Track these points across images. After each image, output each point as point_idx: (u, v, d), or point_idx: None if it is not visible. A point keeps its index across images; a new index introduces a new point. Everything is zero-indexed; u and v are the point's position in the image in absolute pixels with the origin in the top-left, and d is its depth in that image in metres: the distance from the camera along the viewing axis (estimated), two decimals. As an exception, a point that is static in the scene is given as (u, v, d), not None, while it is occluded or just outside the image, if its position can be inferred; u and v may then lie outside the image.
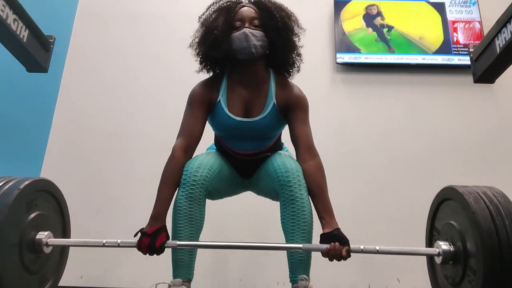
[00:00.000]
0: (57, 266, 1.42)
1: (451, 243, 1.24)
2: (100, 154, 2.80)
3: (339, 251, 1.25)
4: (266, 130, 1.51)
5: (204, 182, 1.36)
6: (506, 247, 1.04)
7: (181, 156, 1.40)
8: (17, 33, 1.75)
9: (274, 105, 1.47)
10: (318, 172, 1.41)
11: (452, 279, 1.24)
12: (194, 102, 1.47)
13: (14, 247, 1.17)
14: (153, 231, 1.29)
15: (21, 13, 1.76)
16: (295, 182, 1.36)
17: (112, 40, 3.11)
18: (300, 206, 1.35)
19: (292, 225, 1.35)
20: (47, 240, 1.28)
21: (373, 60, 2.96)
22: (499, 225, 1.07)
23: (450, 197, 1.27)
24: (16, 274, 1.17)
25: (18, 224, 1.19)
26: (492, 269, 1.04)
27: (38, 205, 1.30)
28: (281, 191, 1.38)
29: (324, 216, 1.34)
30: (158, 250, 1.28)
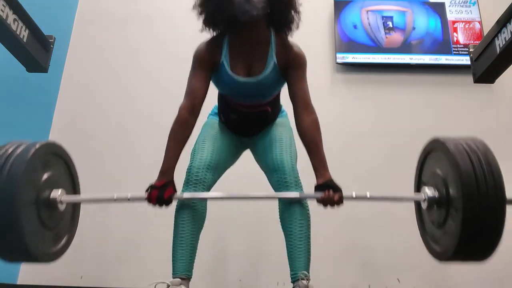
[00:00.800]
0: (70, 223, 1.49)
1: (436, 189, 1.32)
2: (100, 155, 2.80)
3: (332, 198, 1.35)
4: (267, 88, 1.56)
5: (205, 181, 1.46)
6: (484, 188, 1.13)
7: (186, 116, 1.46)
8: (17, 33, 1.75)
9: (274, 64, 1.51)
10: (314, 128, 1.48)
11: (437, 222, 1.32)
12: (198, 63, 1.52)
13: (32, 203, 1.24)
14: (162, 184, 1.37)
15: (21, 13, 1.76)
16: (292, 182, 1.45)
17: (112, 40, 3.11)
18: (298, 203, 1.43)
19: (290, 222, 1.42)
20: (61, 197, 1.34)
21: (373, 60, 2.96)
22: (478, 169, 1.16)
23: (436, 148, 1.36)
24: (35, 229, 1.24)
25: (34, 181, 1.26)
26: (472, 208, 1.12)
27: (51, 166, 1.36)
28: (279, 189, 1.46)
29: (318, 168, 1.43)
30: (166, 202, 1.36)
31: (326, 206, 1.36)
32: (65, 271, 2.53)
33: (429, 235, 1.42)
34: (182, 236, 1.40)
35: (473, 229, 1.14)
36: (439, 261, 1.33)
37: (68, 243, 1.45)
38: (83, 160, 2.93)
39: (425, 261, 2.13)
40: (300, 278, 1.34)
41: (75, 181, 1.54)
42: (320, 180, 1.40)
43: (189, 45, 1.61)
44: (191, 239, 1.41)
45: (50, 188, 1.33)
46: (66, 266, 2.56)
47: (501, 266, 2.50)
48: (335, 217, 2.59)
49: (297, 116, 1.50)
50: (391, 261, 2.51)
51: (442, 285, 2.45)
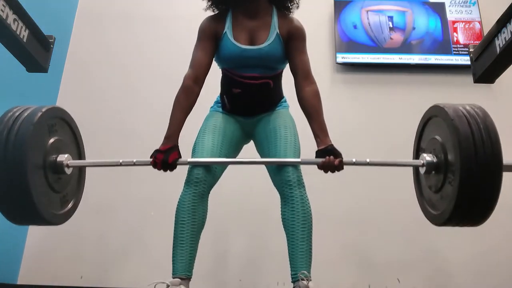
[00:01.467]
0: (76, 187, 1.52)
1: (434, 155, 1.34)
2: (101, 155, 2.80)
3: (333, 163, 1.39)
4: (270, 58, 1.58)
5: (206, 180, 1.46)
6: (482, 152, 1.15)
7: (190, 84, 1.53)
8: (17, 33, 1.75)
9: (277, 34, 1.56)
10: (315, 97, 1.54)
11: (435, 187, 1.33)
12: (202, 35, 1.59)
13: (39, 166, 1.26)
14: (166, 149, 1.42)
15: (21, 13, 1.75)
16: (295, 181, 1.44)
17: (112, 40, 3.11)
18: (300, 203, 1.42)
19: (292, 221, 1.42)
20: (67, 161, 1.37)
21: (373, 60, 2.96)
22: (476, 133, 1.17)
23: (436, 114, 1.38)
24: (43, 191, 1.26)
25: (41, 144, 1.29)
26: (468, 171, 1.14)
27: (57, 130, 1.39)
28: (281, 188, 1.46)
29: (319, 134, 1.48)
30: (171, 165, 1.40)
31: (326, 171, 1.41)
32: (65, 271, 2.53)
33: (426, 200, 1.43)
34: (182, 236, 1.40)
35: (469, 192, 1.15)
36: (435, 224, 1.35)
37: (75, 207, 1.48)
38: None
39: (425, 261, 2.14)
40: (300, 278, 1.34)
41: (81, 147, 1.57)
42: (321, 146, 1.44)
43: (192, 44, 1.62)
44: (191, 239, 1.41)
45: (57, 153, 1.35)
46: (66, 266, 2.57)
47: (501, 266, 2.50)
48: (335, 217, 2.60)
49: (298, 86, 1.56)
50: (391, 261, 2.51)
51: (442, 285, 2.45)
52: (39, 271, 2.51)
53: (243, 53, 1.54)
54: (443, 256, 2.51)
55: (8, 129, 1.20)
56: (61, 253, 2.56)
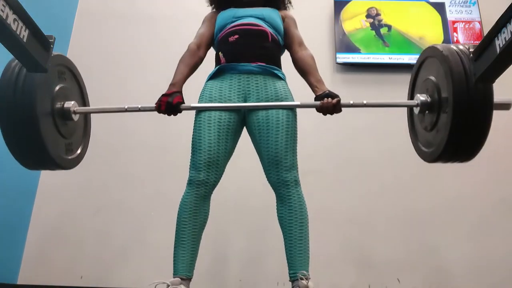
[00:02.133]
0: (83, 134, 1.55)
1: (428, 95, 1.37)
2: (100, 155, 2.80)
3: (331, 104, 1.45)
4: (268, 16, 1.70)
5: (208, 182, 1.46)
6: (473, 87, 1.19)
7: (194, 48, 1.67)
8: (17, 33, 1.75)
9: (275, 10, 1.75)
10: (309, 57, 1.66)
11: (429, 125, 1.36)
12: (205, 19, 1.79)
13: (48, 111, 1.29)
14: (171, 92, 1.50)
15: (21, 13, 1.75)
16: (292, 181, 1.45)
17: (112, 40, 3.11)
18: (297, 203, 1.44)
19: (289, 220, 1.42)
20: (74, 108, 1.40)
21: (373, 60, 2.96)
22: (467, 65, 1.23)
23: (431, 55, 1.38)
24: (52, 134, 1.30)
25: (50, 91, 1.31)
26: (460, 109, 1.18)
27: (64, 78, 1.42)
28: (277, 187, 1.46)
29: (315, 84, 1.57)
30: (175, 107, 1.46)
31: (325, 113, 1.47)
32: (65, 271, 2.53)
33: (419, 140, 1.47)
34: (183, 237, 1.41)
35: (461, 126, 1.19)
36: (428, 161, 1.39)
37: (82, 154, 1.52)
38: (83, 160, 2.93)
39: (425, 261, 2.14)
40: (299, 277, 1.34)
41: (85, 96, 1.60)
42: (319, 92, 1.52)
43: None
44: (193, 239, 1.41)
45: (63, 100, 1.38)
46: (66, 266, 2.57)
47: (501, 265, 2.50)
48: (335, 217, 2.60)
49: (293, 52, 1.70)
50: (391, 261, 2.51)
51: (442, 285, 2.45)
52: (39, 271, 2.51)
53: (238, 11, 1.70)
54: (443, 256, 2.52)
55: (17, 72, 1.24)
56: (61, 253, 2.56)
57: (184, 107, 1.47)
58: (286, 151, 1.47)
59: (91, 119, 1.61)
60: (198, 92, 1.66)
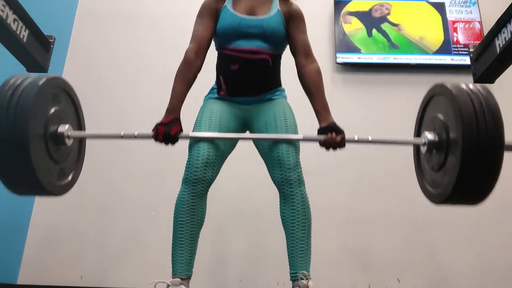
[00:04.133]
0: (76, 159, 1.50)
1: (436, 133, 1.33)
2: (100, 155, 2.80)
3: (335, 140, 1.41)
4: (270, 29, 1.56)
5: (205, 179, 1.44)
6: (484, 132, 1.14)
7: (192, 57, 1.53)
8: (17, 33, 1.75)
9: (278, 11, 1.58)
10: (316, 74, 1.55)
11: (436, 165, 1.32)
12: (203, 11, 1.60)
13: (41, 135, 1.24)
14: (168, 121, 1.42)
15: (21, 13, 1.75)
16: (296, 180, 1.44)
17: (112, 40, 3.11)
18: (300, 202, 1.42)
19: (292, 219, 1.41)
20: (68, 132, 1.35)
21: (373, 60, 2.96)
22: (479, 114, 1.17)
23: (439, 93, 1.36)
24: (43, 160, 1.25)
25: (43, 114, 1.26)
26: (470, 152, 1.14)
27: (58, 101, 1.37)
28: (281, 186, 1.45)
29: (321, 112, 1.49)
30: (173, 138, 1.40)
31: (328, 148, 1.42)
32: (65, 271, 2.53)
33: (425, 178, 1.42)
34: (181, 236, 1.40)
35: (470, 169, 1.15)
36: (434, 203, 1.34)
37: (74, 180, 1.46)
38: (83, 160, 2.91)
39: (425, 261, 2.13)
40: (300, 277, 1.34)
41: (81, 119, 1.56)
42: (323, 124, 1.46)
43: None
44: (191, 239, 1.40)
45: (57, 123, 1.33)
46: (66, 266, 2.57)
47: (501, 266, 2.50)
48: (335, 217, 2.60)
49: (298, 64, 1.57)
50: (391, 261, 2.51)
51: (442, 285, 2.45)
52: (39, 271, 2.51)
53: (242, 22, 1.54)
54: (443, 256, 2.51)
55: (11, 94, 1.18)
56: (61, 253, 2.56)
57: (183, 136, 1.42)
58: (288, 151, 1.46)
59: (85, 143, 1.57)
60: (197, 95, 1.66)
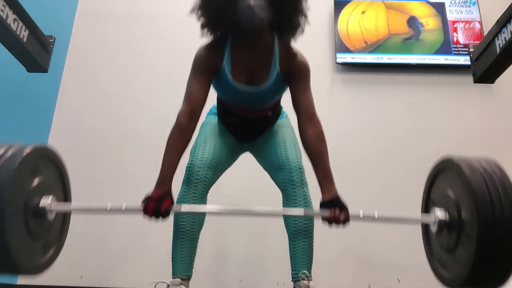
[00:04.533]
0: (60, 233, 1.43)
1: (447, 211, 1.26)
2: (100, 154, 2.80)
3: (338, 217, 1.29)
4: (269, 97, 1.54)
5: (206, 180, 1.44)
6: (500, 215, 1.07)
7: (185, 122, 1.40)
8: (17, 33, 1.75)
9: (278, 73, 1.46)
10: (319, 140, 1.43)
11: (446, 247, 1.26)
12: (198, 68, 1.47)
13: (19, 212, 1.17)
14: (159, 196, 1.30)
15: (21, 13, 1.75)
16: (298, 180, 1.44)
17: (112, 40, 3.11)
18: (303, 203, 1.42)
19: (294, 222, 1.41)
20: (50, 205, 1.28)
21: (373, 60, 2.96)
22: (494, 194, 1.09)
23: (447, 168, 1.30)
24: (22, 239, 1.18)
25: (22, 190, 1.19)
26: (486, 235, 1.07)
27: (42, 171, 1.30)
28: (284, 187, 1.45)
29: (324, 183, 1.36)
30: (163, 214, 1.29)
31: (331, 224, 1.31)
32: (65, 271, 2.52)
33: (436, 259, 1.35)
34: (181, 237, 1.40)
35: (486, 257, 1.07)
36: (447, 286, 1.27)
37: (56, 253, 1.39)
38: (83, 160, 2.93)
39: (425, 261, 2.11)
40: (301, 278, 1.34)
41: (67, 188, 1.46)
42: (326, 196, 1.34)
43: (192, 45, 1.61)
44: (191, 239, 1.40)
45: (39, 195, 1.26)
46: (66, 266, 2.56)
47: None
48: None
49: (301, 128, 1.45)
50: (391, 261, 2.51)
51: (442, 285, 2.45)
52: (39, 271, 2.51)
53: (241, 92, 1.48)
54: (443, 256, 2.52)
55: None
56: (61, 253, 2.55)
57: (175, 210, 1.34)
58: (287, 155, 1.49)
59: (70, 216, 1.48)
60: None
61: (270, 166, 1.55)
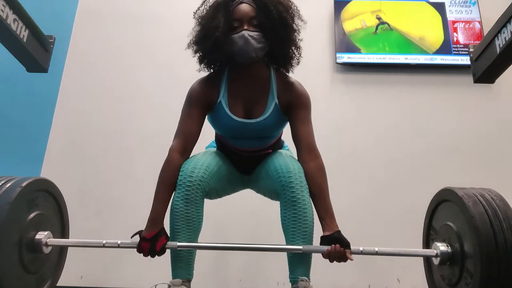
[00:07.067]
0: (55, 266, 1.42)
1: (449, 244, 1.25)
2: (100, 154, 2.80)
3: (339, 253, 1.27)
4: (268, 130, 1.50)
5: (200, 183, 1.35)
6: (504, 251, 1.06)
7: (177, 158, 1.39)
8: (17, 33, 1.75)
9: (276, 105, 1.45)
10: (319, 173, 1.40)
11: (448, 280, 1.25)
12: (193, 101, 1.45)
13: (14, 246, 1.17)
14: (152, 236, 1.30)
15: (21, 13, 1.75)
16: (297, 183, 1.35)
17: (112, 40, 3.11)
18: (301, 207, 1.34)
19: (293, 227, 1.34)
20: (46, 240, 1.27)
21: (373, 60, 2.96)
22: (497, 229, 1.08)
23: (449, 199, 1.28)
24: (15, 273, 1.17)
25: (18, 223, 1.19)
26: (489, 272, 1.06)
27: (38, 204, 1.29)
28: (282, 192, 1.36)
29: (325, 218, 1.34)
30: (159, 253, 1.31)
31: (332, 261, 1.29)
32: (65, 271, 2.52)
33: None
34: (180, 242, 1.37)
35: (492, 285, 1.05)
36: None
37: (52, 286, 1.38)
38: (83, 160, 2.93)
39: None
40: (300, 280, 1.31)
41: (65, 220, 1.47)
42: (327, 232, 1.32)
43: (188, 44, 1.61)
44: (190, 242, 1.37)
45: (36, 230, 1.26)
46: (66, 266, 2.56)
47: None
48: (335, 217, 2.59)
49: (300, 160, 1.42)
50: (391, 261, 2.51)
51: None
52: (39, 271, 2.51)
53: (239, 126, 1.44)
54: (443, 256, 2.52)
55: None
56: (61, 253, 2.56)
57: (170, 246, 1.31)
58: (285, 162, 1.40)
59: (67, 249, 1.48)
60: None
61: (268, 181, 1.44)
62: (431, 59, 2.95)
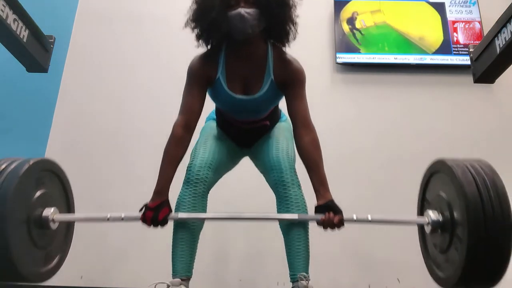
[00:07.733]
0: (62, 243, 1.45)
1: (440, 212, 1.29)
2: (100, 154, 2.80)
3: (332, 220, 1.33)
4: (265, 105, 1.56)
5: (206, 180, 1.44)
6: (491, 217, 1.09)
7: (181, 133, 1.44)
8: (17, 33, 1.75)
9: (272, 81, 1.48)
10: (314, 147, 1.45)
11: (440, 247, 1.29)
12: (193, 79, 1.49)
13: (23, 221, 1.21)
14: (156, 205, 1.36)
15: (21, 13, 1.76)
16: (288, 181, 1.42)
17: (112, 40, 3.11)
18: (294, 203, 1.40)
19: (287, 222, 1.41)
20: (53, 216, 1.31)
21: (373, 60, 2.96)
22: (484, 196, 1.12)
23: (440, 170, 1.32)
24: (25, 247, 1.21)
25: (26, 199, 1.23)
26: (477, 237, 1.09)
27: (45, 183, 1.33)
28: (276, 188, 1.45)
29: (319, 188, 1.39)
30: (161, 223, 1.36)
31: (326, 228, 1.35)
32: (65, 271, 2.52)
33: (432, 259, 1.37)
34: (182, 237, 1.40)
35: (477, 258, 1.09)
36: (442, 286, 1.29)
37: (60, 263, 1.42)
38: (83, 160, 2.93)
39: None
40: (299, 278, 1.34)
41: (70, 199, 1.50)
42: (321, 201, 1.37)
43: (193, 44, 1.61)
44: (191, 240, 1.40)
45: (42, 206, 1.29)
46: (66, 266, 2.56)
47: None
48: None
49: (296, 135, 1.48)
50: (391, 261, 2.51)
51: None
52: (39, 271, 2.51)
53: (237, 102, 1.50)
54: (443, 256, 2.52)
55: None
56: (61, 253, 2.56)
57: (172, 217, 1.37)
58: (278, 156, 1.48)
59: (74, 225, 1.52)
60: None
61: (263, 167, 1.56)
62: (431, 59, 2.95)
